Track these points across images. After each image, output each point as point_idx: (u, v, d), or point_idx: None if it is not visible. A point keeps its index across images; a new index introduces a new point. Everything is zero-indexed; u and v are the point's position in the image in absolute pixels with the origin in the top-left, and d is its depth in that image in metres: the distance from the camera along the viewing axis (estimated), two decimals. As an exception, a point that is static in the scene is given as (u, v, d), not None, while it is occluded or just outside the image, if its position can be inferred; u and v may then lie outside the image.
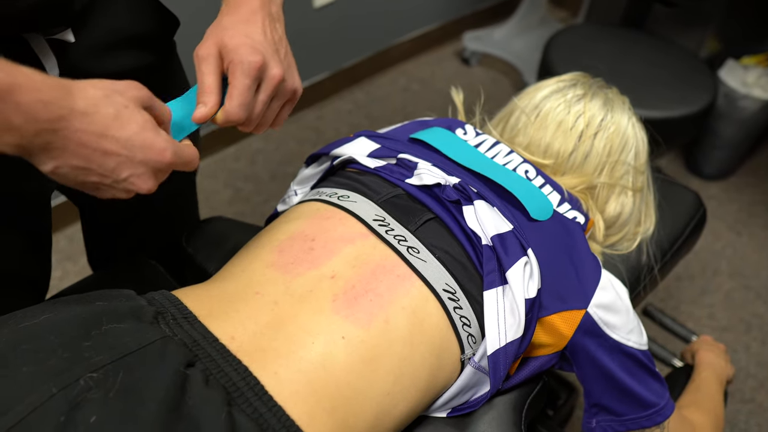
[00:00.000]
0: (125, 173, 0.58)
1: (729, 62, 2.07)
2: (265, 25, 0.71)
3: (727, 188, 2.22)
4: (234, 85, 0.66)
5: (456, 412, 0.79)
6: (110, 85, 0.57)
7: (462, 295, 0.74)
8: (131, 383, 0.55)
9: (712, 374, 1.06)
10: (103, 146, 0.56)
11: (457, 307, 0.73)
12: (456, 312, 0.73)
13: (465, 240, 0.77)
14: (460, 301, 0.73)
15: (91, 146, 0.55)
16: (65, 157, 0.55)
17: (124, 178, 0.59)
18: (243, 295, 0.70)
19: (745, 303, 1.88)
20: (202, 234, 1.01)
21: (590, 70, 1.06)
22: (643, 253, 1.04)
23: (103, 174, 0.57)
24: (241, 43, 0.67)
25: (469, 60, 2.60)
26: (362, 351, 0.66)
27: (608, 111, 0.96)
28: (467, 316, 0.73)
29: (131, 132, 0.57)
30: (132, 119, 0.57)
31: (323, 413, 0.63)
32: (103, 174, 0.57)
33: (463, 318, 0.73)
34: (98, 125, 0.55)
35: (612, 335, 0.79)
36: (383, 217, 0.77)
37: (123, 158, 0.57)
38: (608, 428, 0.83)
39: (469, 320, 0.74)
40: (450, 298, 0.73)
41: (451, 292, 0.73)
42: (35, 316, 0.61)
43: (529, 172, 0.88)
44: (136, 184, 0.60)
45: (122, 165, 0.58)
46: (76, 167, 0.56)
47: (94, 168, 0.57)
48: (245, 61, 0.66)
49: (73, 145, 0.54)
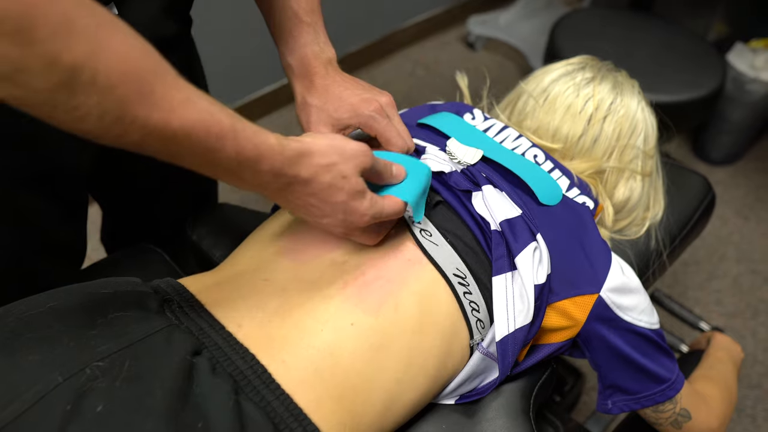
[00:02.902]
0: (325, 222, 0.66)
1: (737, 45, 2.05)
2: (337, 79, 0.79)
3: (734, 173, 2.21)
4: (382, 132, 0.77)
5: (464, 399, 0.78)
6: (338, 152, 0.62)
7: (472, 280, 0.73)
8: (138, 372, 0.55)
9: (726, 355, 1.06)
10: (315, 206, 0.64)
11: (467, 292, 0.72)
12: (465, 297, 0.72)
13: (474, 225, 0.76)
14: (469, 286, 0.73)
15: (306, 203, 0.63)
16: (299, 207, 0.64)
17: (325, 224, 0.67)
18: (250, 282, 0.69)
19: (752, 288, 1.87)
20: (207, 221, 1.01)
21: (597, 54, 1.05)
22: (651, 238, 1.03)
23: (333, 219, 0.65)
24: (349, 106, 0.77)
25: (474, 44, 2.58)
26: (372, 338, 0.66)
27: (618, 94, 0.94)
28: (476, 301, 0.73)
29: (339, 200, 0.63)
30: (343, 189, 0.63)
31: (331, 401, 0.62)
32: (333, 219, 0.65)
33: (473, 303, 0.73)
34: (314, 192, 0.62)
35: (624, 317, 0.78)
36: None
37: (328, 215, 0.65)
38: (624, 407, 0.83)
39: (478, 305, 0.73)
40: (460, 282, 0.72)
41: (461, 277, 0.72)
42: (41, 304, 0.60)
43: (537, 157, 0.87)
44: (331, 230, 0.68)
45: (326, 218, 0.65)
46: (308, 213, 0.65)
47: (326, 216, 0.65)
48: (368, 114, 0.76)
49: (302, 202, 0.63)
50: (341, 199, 0.63)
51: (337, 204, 0.63)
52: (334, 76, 0.79)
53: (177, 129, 0.49)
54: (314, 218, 0.65)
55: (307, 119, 0.79)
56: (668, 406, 0.83)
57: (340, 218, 0.65)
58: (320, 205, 0.63)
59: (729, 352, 1.08)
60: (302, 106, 0.80)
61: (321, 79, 0.79)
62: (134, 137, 0.48)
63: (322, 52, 0.80)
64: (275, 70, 2.13)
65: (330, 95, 0.78)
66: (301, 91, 0.80)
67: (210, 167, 0.54)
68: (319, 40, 0.80)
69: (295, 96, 0.81)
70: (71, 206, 0.87)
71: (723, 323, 1.78)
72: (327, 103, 0.78)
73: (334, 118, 0.77)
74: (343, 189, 0.63)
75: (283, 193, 0.61)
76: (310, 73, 0.79)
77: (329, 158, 0.61)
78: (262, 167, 0.56)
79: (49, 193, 0.80)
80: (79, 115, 0.45)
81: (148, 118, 0.47)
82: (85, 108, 0.44)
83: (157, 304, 0.64)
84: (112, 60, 0.44)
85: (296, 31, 0.80)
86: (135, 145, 0.49)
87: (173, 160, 0.52)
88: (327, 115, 0.77)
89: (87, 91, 0.44)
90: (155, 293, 0.66)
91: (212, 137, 0.51)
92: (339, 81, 0.79)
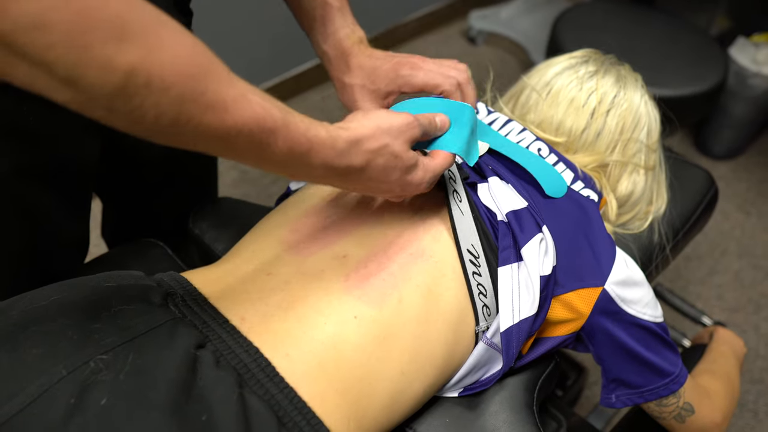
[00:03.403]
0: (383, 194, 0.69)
1: (739, 40, 2.04)
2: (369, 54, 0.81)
3: (735, 168, 2.20)
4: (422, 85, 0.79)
5: (467, 392, 0.78)
6: (386, 132, 0.62)
7: (483, 261, 0.73)
8: (141, 365, 0.55)
9: (729, 349, 1.06)
10: (372, 186, 0.65)
11: (476, 273, 0.72)
12: (474, 278, 0.72)
13: (483, 214, 0.76)
14: (480, 267, 0.73)
15: (364, 187, 0.65)
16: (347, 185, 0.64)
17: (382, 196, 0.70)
18: (253, 276, 0.69)
19: (754, 283, 1.87)
20: (209, 215, 1.01)
21: (600, 48, 1.04)
22: (654, 232, 1.03)
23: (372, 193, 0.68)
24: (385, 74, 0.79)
25: (475, 39, 2.57)
26: (375, 330, 0.66)
27: (621, 88, 0.94)
28: (485, 284, 0.73)
29: (395, 177, 0.64)
30: (397, 167, 0.64)
31: (335, 394, 0.62)
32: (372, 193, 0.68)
33: (480, 286, 0.72)
34: (369, 176, 0.63)
35: (628, 310, 0.78)
36: None
37: (385, 191, 0.67)
38: (628, 401, 0.83)
39: (486, 290, 0.73)
40: (472, 261, 0.72)
41: (474, 255, 0.73)
42: (44, 298, 0.60)
43: (542, 150, 0.87)
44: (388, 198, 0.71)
45: (384, 193, 0.68)
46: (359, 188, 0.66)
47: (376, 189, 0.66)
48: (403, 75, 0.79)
49: (352, 183, 0.63)
50: (396, 177, 0.64)
51: (394, 182, 0.65)
52: (367, 52, 0.81)
53: (231, 127, 0.49)
54: (372, 193, 0.68)
55: (352, 99, 0.81)
56: (672, 400, 0.83)
57: (397, 192, 0.67)
58: (377, 186, 0.64)
59: (732, 347, 1.08)
60: (342, 89, 0.82)
61: (355, 58, 0.80)
62: (189, 136, 0.48)
63: (353, 33, 0.81)
64: (276, 64, 2.13)
65: (366, 70, 0.80)
66: (338, 76, 0.81)
67: (262, 161, 0.54)
68: (348, 22, 0.82)
69: (333, 82, 0.83)
70: (77, 201, 0.87)
71: (725, 318, 1.78)
72: (365, 78, 0.80)
73: (375, 90, 0.80)
74: (396, 167, 0.63)
75: (339, 180, 0.62)
76: (345, 56, 0.80)
77: (379, 141, 0.61)
78: (314, 161, 0.56)
79: (55, 188, 0.81)
80: (136, 118, 0.45)
81: (202, 118, 0.47)
82: (141, 111, 0.44)
83: (161, 298, 0.64)
84: (166, 61, 0.44)
85: (327, 17, 0.81)
86: (189, 143, 0.49)
87: (225, 156, 0.53)
88: (368, 91, 0.80)
89: (142, 93, 0.43)
90: (158, 287, 0.66)
91: (265, 132, 0.51)
92: (372, 55, 0.81)
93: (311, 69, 2.20)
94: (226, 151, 0.52)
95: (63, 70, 0.41)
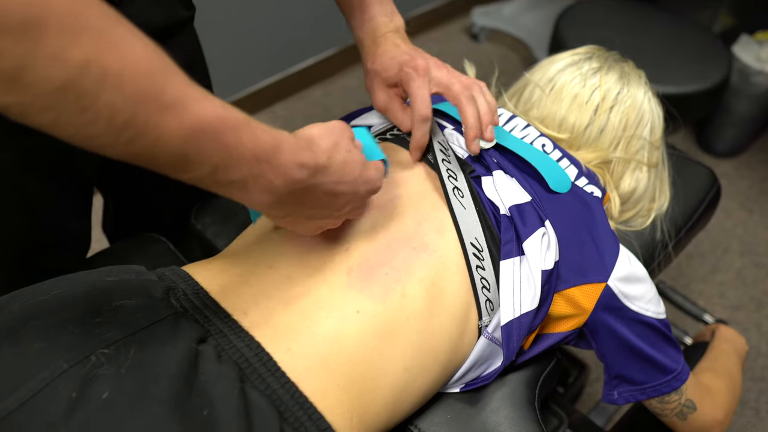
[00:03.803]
0: (348, 207, 0.64)
1: (743, 37, 2.04)
2: (398, 43, 0.80)
3: (738, 165, 2.20)
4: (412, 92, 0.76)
5: (469, 387, 0.78)
6: (331, 131, 0.61)
7: (487, 254, 0.73)
8: (143, 359, 0.55)
9: (731, 347, 1.06)
10: (337, 190, 0.61)
11: (479, 267, 0.72)
12: (478, 272, 0.72)
13: (487, 207, 0.76)
14: (484, 261, 0.73)
15: (328, 193, 0.60)
16: (300, 209, 0.60)
17: (347, 212, 0.65)
18: (255, 270, 0.69)
19: (756, 281, 1.87)
20: (211, 209, 1.01)
21: (603, 45, 1.04)
22: (657, 229, 1.03)
23: (329, 212, 0.63)
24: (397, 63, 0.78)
25: (477, 36, 2.57)
26: (378, 325, 0.66)
27: (624, 84, 0.94)
28: (488, 278, 0.73)
29: (357, 173, 0.62)
30: (354, 161, 0.62)
31: (337, 389, 0.62)
32: (329, 212, 0.63)
33: (484, 280, 0.72)
34: (335, 174, 0.59)
35: (631, 307, 0.78)
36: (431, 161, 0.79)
37: (350, 196, 0.63)
38: (630, 398, 0.83)
39: (489, 284, 0.73)
40: (475, 254, 0.72)
41: (478, 249, 0.72)
42: (45, 292, 0.60)
43: (546, 146, 0.87)
44: (353, 213, 0.67)
45: (349, 202, 0.63)
46: (306, 216, 0.62)
47: (324, 210, 0.62)
48: (407, 71, 0.77)
49: (311, 198, 0.59)
50: (357, 173, 0.62)
51: (355, 180, 0.62)
52: (396, 41, 0.81)
53: (193, 125, 0.46)
54: (329, 211, 0.63)
55: (369, 84, 0.82)
56: (674, 397, 0.83)
57: (361, 193, 0.64)
58: (343, 189, 0.61)
59: (733, 345, 1.07)
60: (365, 75, 0.83)
61: (383, 46, 0.81)
62: (147, 140, 0.45)
63: (390, 21, 0.82)
64: (277, 61, 2.13)
65: (384, 57, 0.79)
66: (365, 61, 0.82)
67: (226, 171, 0.50)
68: (386, 10, 0.82)
69: (363, 68, 0.84)
70: (80, 194, 0.87)
71: (726, 316, 1.77)
72: (382, 65, 0.79)
73: (385, 78, 0.79)
74: (354, 161, 0.62)
75: (302, 194, 0.58)
76: (376, 44, 0.81)
77: (330, 138, 0.60)
78: (282, 159, 0.53)
79: (59, 181, 0.80)
80: (88, 119, 0.42)
81: (161, 118, 0.44)
82: (93, 110, 0.41)
83: (162, 292, 0.64)
84: (121, 57, 0.42)
85: (365, 5, 0.82)
86: (147, 149, 0.46)
87: (185, 170, 0.49)
88: (380, 78, 0.80)
89: (95, 90, 0.41)
90: (160, 281, 0.66)
91: (229, 131, 0.49)
92: (398, 45, 0.80)
93: (313, 65, 2.20)
94: (188, 161, 0.48)
95: (9, 62, 0.38)
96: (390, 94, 0.81)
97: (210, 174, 0.50)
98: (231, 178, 0.51)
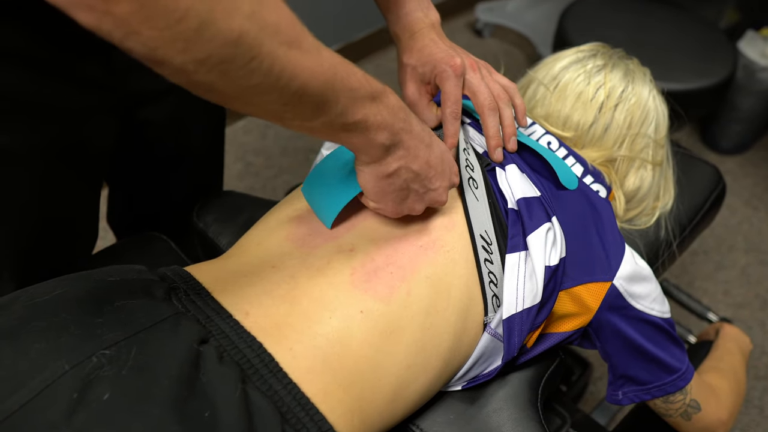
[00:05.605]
0: (437, 184, 0.67)
1: (748, 33, 2.03)
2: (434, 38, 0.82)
3: (743, 163, 2.19)
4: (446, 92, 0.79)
5: (471, 384, 0.78)
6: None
7: (496, 248, 0.73)
8: (144, 360, 0.55)
9: (735, 346, 1.05)
10: (429, 157, 0.65)
11: (488, 260, 0.72)
12: (486, 265, 0.72)
13: (499, 200, 0.76)
14: (492, 255, 0.72)
15: (422, 154, 0.64)
16: (408, 159, 0.63)
17: (435, 188, 0.67)
18: (258, 270, 0.68)
19: (761, 279, 1.86)
20: (213, 208, 1.00)
21: (607, 42, 1.03)
22: (661, 228, 1.02)
23: (423, 183, 0.66)
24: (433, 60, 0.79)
25: (481, 32, 2.56)
26: (382, 324, 0.65)
27: (629, 82, 0.93)
28: (495, 272, 0.72)
29: (443, 149, 0.67)
30: (439, 141, 0.66)
31: (339, 389, 0.62)
32: (423, 183, 0.66)
33: (491, 274, 0.72)
34: (425, 138, 0.64)
35: (636, 306, 0.78)
36: None
37: (439, 171, 0.67)
38: (635, 398, 0.83)
39: (497, 279, 0.72)
40: (484, 247, 0.72)
41: (487, 242, 0.72)
42: (47, 292, 0.60)
43: (551, 144, 0.87)
44: (440, 195, 0.69)
45: (437, 177, 0.67)
46: (412, 171, 0.64)
47: (421, 175, 0.65)
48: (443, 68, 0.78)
49: (413, 150, 0.63)
50: (443, 149, 0.66)
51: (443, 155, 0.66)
52: (432, 36, 0.81)
53: (329, 68, 0.51)
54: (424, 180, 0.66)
55: (402, 78, 0.83)
56: (678, 397, 0.82)
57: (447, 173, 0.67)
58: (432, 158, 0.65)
59: (738, 343, 1.07)
60: (399, 69, 0.84)
61: (419, 42, 0.81)
62: (297, 84, 0.49)
63: (426, 17, 0.83)
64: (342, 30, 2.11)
65: (422, 53, 0.80)
66: (400, 56, 0.83)
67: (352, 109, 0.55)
68: (423, 5, 0.83)
69: (398, 63, 0.85)
70: (92, 184, 0.88)
71: (731, 314, 1.77)
72: (417, 60, 0.80)
73: (419, 73, 0.80)
74: (439, 141, 0.66)
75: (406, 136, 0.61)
76: (414, 39, 0.81)
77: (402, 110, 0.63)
78: (392, 100, 0.59)
79: (74, 169, 0.82)
80: (252, 69, 0.46)
81: (307, 61, 0.49)
82: (258, 60, 0.46)
83: (164, 292, 0.64)
84: (274, 10, 0.47)
85: (401, 0, 0.82)
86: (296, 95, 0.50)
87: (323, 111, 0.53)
88: (415, 73, 0.81)
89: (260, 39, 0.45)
90: (162, 281, 0.66)
91: (351, 74, 0.54)
92: (434, 41, 0.81)
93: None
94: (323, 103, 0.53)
95: (195, 21, 0.41)
96: (421, 90, 0.82)
97: (340, 115, 0.55)
98: (356, 118, 0.56)
